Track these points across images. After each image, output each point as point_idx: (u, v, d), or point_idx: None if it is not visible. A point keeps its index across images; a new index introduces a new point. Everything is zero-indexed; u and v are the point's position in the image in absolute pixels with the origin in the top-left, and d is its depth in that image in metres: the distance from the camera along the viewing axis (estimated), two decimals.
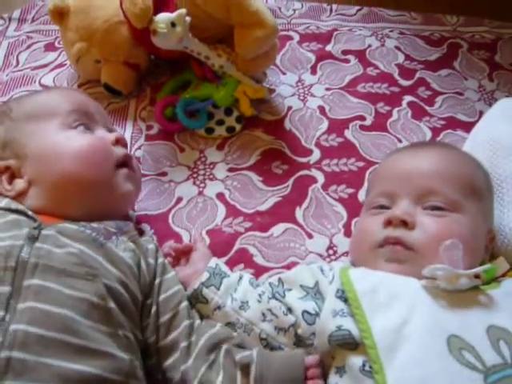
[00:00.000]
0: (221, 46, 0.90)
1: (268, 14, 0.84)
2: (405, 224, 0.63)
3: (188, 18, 0.81)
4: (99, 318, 0.52)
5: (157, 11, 0.82)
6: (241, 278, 0.68)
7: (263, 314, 0.63)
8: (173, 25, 0.80)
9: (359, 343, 0.55)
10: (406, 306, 0.56)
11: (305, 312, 0.62)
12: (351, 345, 0.55)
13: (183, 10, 0.80)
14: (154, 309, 0.62)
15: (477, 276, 0.59)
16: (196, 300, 0.65)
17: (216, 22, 0.87)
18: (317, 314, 0.61)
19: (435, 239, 0.60)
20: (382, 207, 0.68)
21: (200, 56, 0.88)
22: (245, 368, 0.58)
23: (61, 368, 0.48)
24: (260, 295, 0.65)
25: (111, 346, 0.52)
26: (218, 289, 0.65)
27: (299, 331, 0.62)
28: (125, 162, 0.70)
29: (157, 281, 0.64)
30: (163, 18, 0.80)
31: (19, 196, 0.64)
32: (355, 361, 0.54)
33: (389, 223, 0.64)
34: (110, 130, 0.74)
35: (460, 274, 0.57)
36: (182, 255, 0.73)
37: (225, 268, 0.70)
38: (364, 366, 0.53)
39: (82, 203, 0.65)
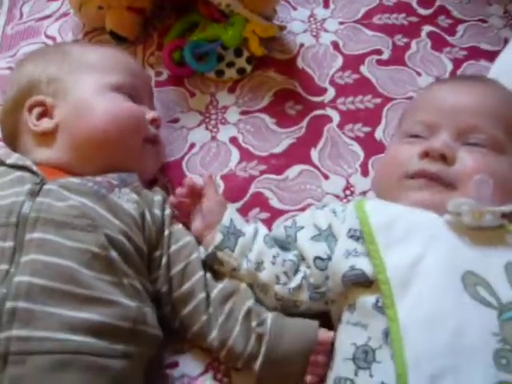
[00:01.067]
0: None
1: None
2: (443, 158, 0.60)
3: None
4: (102, 268, 0.53)
5: None
6: (256, 233, 0.66)
7: (277, 277, 0.62)
8: None
9: (373, 281, 0.54)
10: (422, 241, 0.55)
11: (316, 258, 0.61)
12: (365, 283, 0.55)
13: None
14: (164, 260, 0.62)
15: (504, 216, 0.56)
16: (211, 262, 0.64)
17: None
18: (329, 258, 0.60)
19: (474, 173, 0.58)
20: (418, 137, 0.65)
21: None
22: (258, 336, 0.59)
23: (66, 316, 0.49)
24: (274, 257, 0.63)
25: (116, 294, 0.53)
26: (233, 250, 0.63)
27: (311, 280, 0.61)
28: (153, 141, 0.71)
29: (166, 232, 0.63)
30: None
31: (42, 136, 0.65)
32: (368, 298, 0.54)
33: (426, 155, 0.62)
34: (151, 109, 0.74)
35: (485, 210, 0.55)
36: (192, 204, 0.68)
37: (239, 222, 0.66)
38: (377, 302, 0.53)
39: (99, 163, 0.65)
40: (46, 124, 0.66)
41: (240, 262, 0.63)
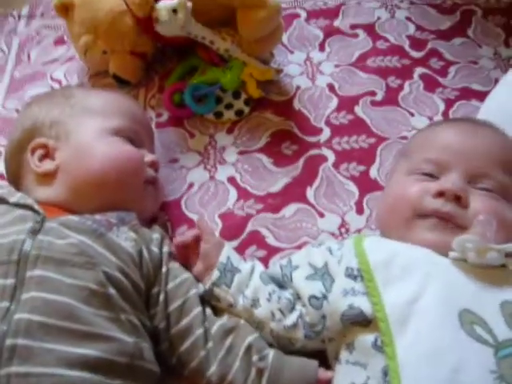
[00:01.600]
0: (225, 29, 0.90)
1: None
2: (458, 199, 0.61)
3: (189, 4, 0.81)
4: (100, 304, 0.54)
5: None
6: (252, 271, 0.67)
7: (272, 314, 0.63)
8: (174, 11, 0.80)
9: (371, 320, 0.55)
10: (420, 278, 0.56)
11: (311, 297, 0.62)
12: (363, 322, 0.55)
13: None
14: (162, 297, 0.63)
15: (508, 255, 0.57)
16: (209, 299, 0.65)
17: (218, 5, 0.87)
18: (324, 297, 0.61)
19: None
20: (428, 175, 0.66)
21: (204, 40, 0.88)
22: (259, 371, 0.60)
23: (64, 352, 0.50)
24: (270, 294, 0.64)
25: (113, 329, 0.54)
26: (229, 287, 0.65)
27: (307, 319, 0.62)
28: (152, 182, 0.74)
29: (163, 269, 0.65)
30: (164, 5, 0.80)
31: (43, 177, 0.68)
32: (367, 337, 0.55)
33: (440, 195, 0.62)
34: (151, 153, 0.77)
35: (490, 247, 0.56)
36: (191, 249, 0.70)
37: (236, 260, 0.68)
38: (376, 341, 0.54)
39: (98, 203, 0.67)
40: (47, 165, 0.68)
41: (236, 298, 0.64)
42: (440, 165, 0.66)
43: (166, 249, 0.67)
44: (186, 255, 0.70)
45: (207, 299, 0.65)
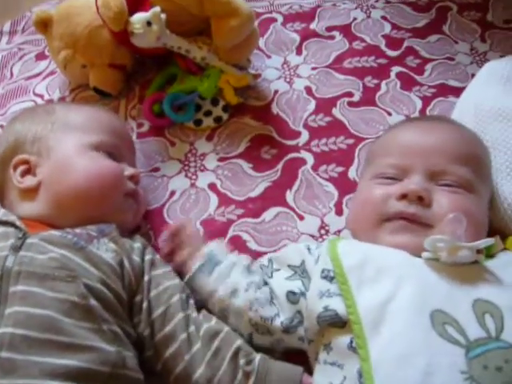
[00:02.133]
0: (200, 37, 0.91)
1: (241, 2, 0.84)
2: (420, 200, 0.63)
3: (163, 15, 0.83)
4: (81, 316, 0.56)
5: (133, 12, 0.83)
6: (234, 263, 0.70)
7: (250, 303, 0.65)
8: (149, 24, 0.82)
9: (346, 321, 0.56)
10: (393, 280, 0.57)
11: (289, 292, 0.64)
12: (339, 323, 0.57)
13: (157, 8, 0.82)
14: (145, 305, 0.64)
15: (479, 251, 0.59)
16: (191, 287, 0.68)
17: (192, 16, 0.88)
18: (301, 294, 0.63)
19: (451, 212, 0.60)
20: (391, 178, 0.68)
21: (181, 50, 0.89)
22: (246, 374, 0.61)
23: (48, 364, 0.51)
24: (248, 284, 0.66)
25: (95, 340, 0.55)
26: (210, 275, 0.68)
27: (283, 315, 0.64)
28: (132, 195, 0.75)
29: (145, 278, 0.66)
30: (138, 18, 0.82)
31: (25, 192, 0.69)
32: (343, 339, 0.56)
33: (403, 197, 0.64)
34: (133, 167, 0.79)
35: (461, 245, 0.58)
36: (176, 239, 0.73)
37: (220, 252, 0.71)
38: (351, 342, 0.55)
39: (79, 217, 0.68)
40: (29, 181, 0.69)
41: (216, 287, 0.67)
42: (401, 168, 0.67)
43: (148, 257, 0.69)
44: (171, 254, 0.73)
45: (189, 288, 0.68)
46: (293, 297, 0.64)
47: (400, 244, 0.62)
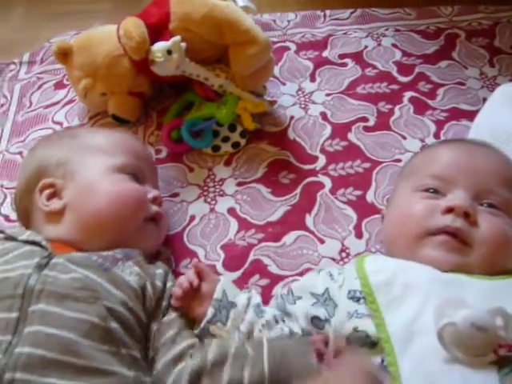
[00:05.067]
0: (218, 65, 0.93)
1: (259, 31, 0.87)
2: (466, 216, 0.63)
3: (183, 44, 0.85)
4: (100, 338, 0.55)
5: (153, 41, 0.86)
6: (248, 304, 0.67)
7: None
8: (169, 52, 0.84)
9: (376, 342, 0.56)
10: (421, 296, 0.57)
11: (314, 318, 0.63)
12: (369, 344, 0.56)
13: (178, 37, 0.84)
14: (155, 328, 0.63)
15: None
16: (204, 336, 0.65)
17: (211, 44, 0.90)
18: (326, 320, 0.62)
19: (495, 238, 0.62)
20: (434, 191, 0.67)
21: (199, 78, 0.91)
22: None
23: None
24: (263, 325, 0.65)
25: (113, 364, 0.55)
26: (225, 324, 0.64)
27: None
28: (154, 219, 0.75)
29: (164, 303, 0.66)
30: (159, 47, 0.84)
31: (51, 215, 0.70)
32: (374, 359, 0.55)
33: (449, 211, 0.63)
34: (155, 188, 0.79)
35: None
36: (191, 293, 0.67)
37: (232, 294, 0.67)
38: (383, 361, 0.54)
39: (103, 240, 0.68)
40: (55, 205, 0.70)
41: (232, 333, 0.64)
42: (446, 180, 0.67)
43: (169, 283, 0.69)
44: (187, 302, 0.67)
45: (202, 337, 0.65)
46: (318, 322, 0.63)
47: (438, 260, 0.61)
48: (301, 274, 0.77)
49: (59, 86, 1.10)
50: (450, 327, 0.51)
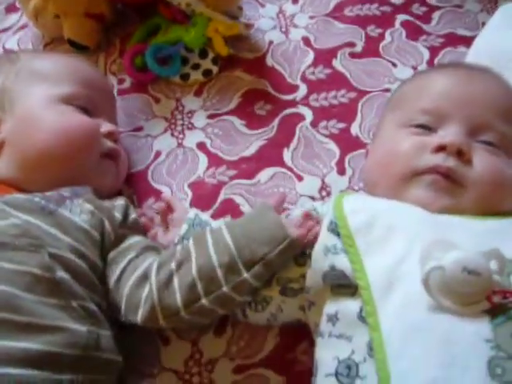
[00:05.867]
0: None
1: None
2: (460, 154, 0.55)
3: None
4: (45, 291, 0.49)
5: None
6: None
7: None
8: None
9: (355, 285, 0.50)
10: (405, 239, 0.50)
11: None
12: (347, 287, 0.51)
13: None
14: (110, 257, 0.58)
15: None
16: None
17: None
18: (308, 255, 0.57)
19: (490, 179, 0.55)
20: (424, 127, 0.59)
21: None
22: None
23: (3, 347, 0.44)
24: None
25: (63, 319, 0.48)
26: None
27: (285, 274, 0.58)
28: (110, 156, 0.67)
29: (123, 232, 0.60)
30: None
31: None
32: (352, 307, 0.50)
33: (441, 149, 0.56)
34: (112, 123, 0.70)
35: None
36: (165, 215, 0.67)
37: (205, 217, 0.65)
38: (361, 311, 0.49)
39: (49, 180, 0.61)
40: None
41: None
42: (437, 115, 0.59)
43: (133, 216, 0.63)
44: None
45: None
46: (301, 259, 0.57)
47: (425, 201, 0.54)
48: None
49: (11, 9, 0.99)
50: (438, 272, 0.44)
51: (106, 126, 0.67)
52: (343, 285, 0.51)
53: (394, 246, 0.50)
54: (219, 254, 0.55)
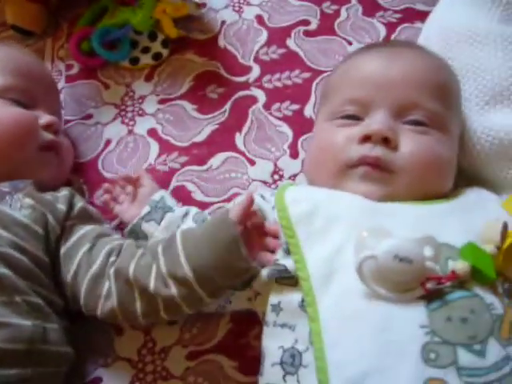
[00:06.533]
0: None
1: None
2: (386, 141, 0.54)
3: None
4: None
5: None
6: (187, 213, 0.63)
7: None
8: None
9: (297, 278, 0.50)
10: (345, 228, 0.50)
11: None
12: (290, 280, 0.51)
13: None
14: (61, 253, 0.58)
15: None
16: (136, 235, 0.62)
17: None
18: None
19: (420, 161, 0.54)
20: (352, 117, 0.58)
21: None
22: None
23: None
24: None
25: (5, 315, 0.48)
26: (159, 223, 0.62)
27: None
28: (51, 147, 0.65)
29: (70, 223, 0.59)
30: None
31: None
32: (294, 297, 0.50)
33: (366, 139, 0.55)
34: (53, 113, 0.67)
35: None
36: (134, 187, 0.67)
37: (171, 202, 0.65)
38: (303, 301, 0.49)
39: None
40: None
41: (165, 235, 0.59)
42: (362, 103, 0.58)
43: (79, 204, 0.61)
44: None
45: (134, 238, 0.62)
46: None
47: (362, 193, 0.54)
48: (228, 200, 0.70)
49: None
50: (371, 260, 0.44)
51: (44, 118, 0.65)
52: (286, 276, 0.51)
53: (334, 235, 0.50)
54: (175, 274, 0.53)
